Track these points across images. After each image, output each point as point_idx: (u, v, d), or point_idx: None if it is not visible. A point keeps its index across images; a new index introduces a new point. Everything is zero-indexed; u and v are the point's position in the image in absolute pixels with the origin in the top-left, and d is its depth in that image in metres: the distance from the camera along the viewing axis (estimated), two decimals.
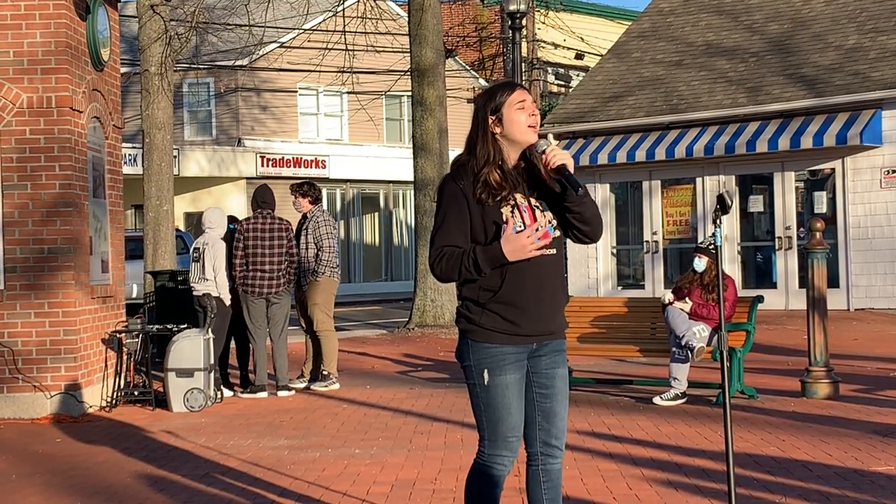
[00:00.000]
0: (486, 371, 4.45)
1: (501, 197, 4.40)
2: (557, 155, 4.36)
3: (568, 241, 4.58)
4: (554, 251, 4.44)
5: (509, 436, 4.49)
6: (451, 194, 4.43)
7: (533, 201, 4.46)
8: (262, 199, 11.58)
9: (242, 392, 11.56)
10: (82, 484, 7.35)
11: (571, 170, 4.38)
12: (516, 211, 4.40)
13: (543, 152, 4.41)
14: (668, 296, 10.36)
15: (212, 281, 11.33)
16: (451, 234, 4.41)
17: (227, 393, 11.42)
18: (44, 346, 10.15)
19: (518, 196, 4.44)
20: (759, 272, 21.25)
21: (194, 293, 11.45)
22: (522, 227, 4.36)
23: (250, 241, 11.36)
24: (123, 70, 18.20)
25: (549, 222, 4.44)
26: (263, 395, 11.34)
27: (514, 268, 4.37)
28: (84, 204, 10.57)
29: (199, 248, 11.49)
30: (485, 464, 4.54)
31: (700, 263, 10.23)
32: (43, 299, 10.18)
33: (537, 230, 4.34)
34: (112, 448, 8.63)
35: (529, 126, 4.42)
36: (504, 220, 4.37)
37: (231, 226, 12.01)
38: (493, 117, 4.44)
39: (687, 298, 10.21)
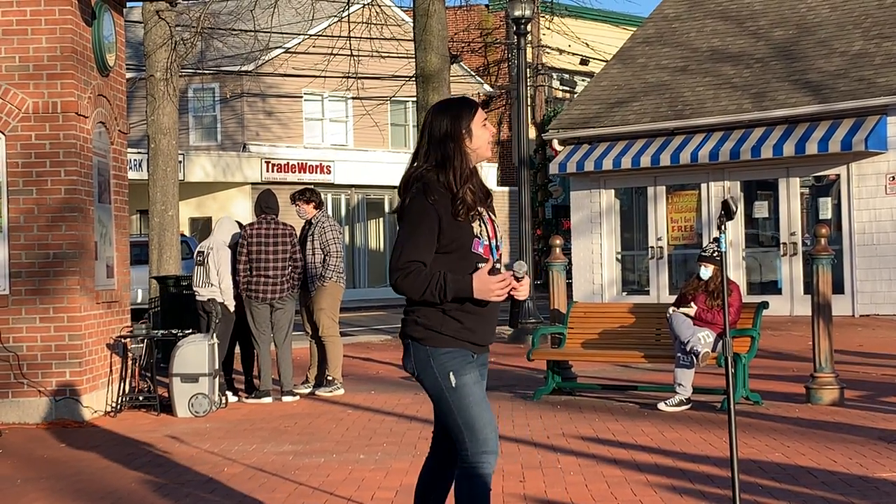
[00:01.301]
0: (451, 373, 4.57)
1: (476, 213, 4.58)
2: (523, 293, 4.59)
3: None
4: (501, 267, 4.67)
5: (487, 431, 4.60)
6: (423, 210, 4.52)
7: (492, 215, 4.68)
8: (265, 204, 11.58)
9: (247, 397, 11.57)
10: (87, 489, 7.36)
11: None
12: (483, 226, 4.59)
13: (518, 279, 4.57)
14: (671, 311, 10.34)
15: (216, 286, 11.33)
16: (420, 249, 4.51)
17: (232, 398, 11.42)
18: (49, 350, 10.16)
19: (480, 209, 4.62)
20: (764, 278, 21.22)
21: (198, 298, 11.46)
22: (487, 241, 4.57)
23: (254, 247, 11.36)
24: (129, 75, 18.20)
25: (500, 238, 4.69)
26: (268, 400, 11.34)
27: None
28: (89, 209, 10.59)
29: (203, 252, 11.50)
30: (471, 465, 4.61)
31: (706, 272, 10.23)
32: (48, 304, 10.19)
33: (512, 280, 4.54)
34: (116, 453, 8.64)
35: (490, 143, 4.67)
36: (476, 234, 4.55)
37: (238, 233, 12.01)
38: (464, 132, 4.59)
39: (692, 303, 10.20)
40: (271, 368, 11.56)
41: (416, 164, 4.64)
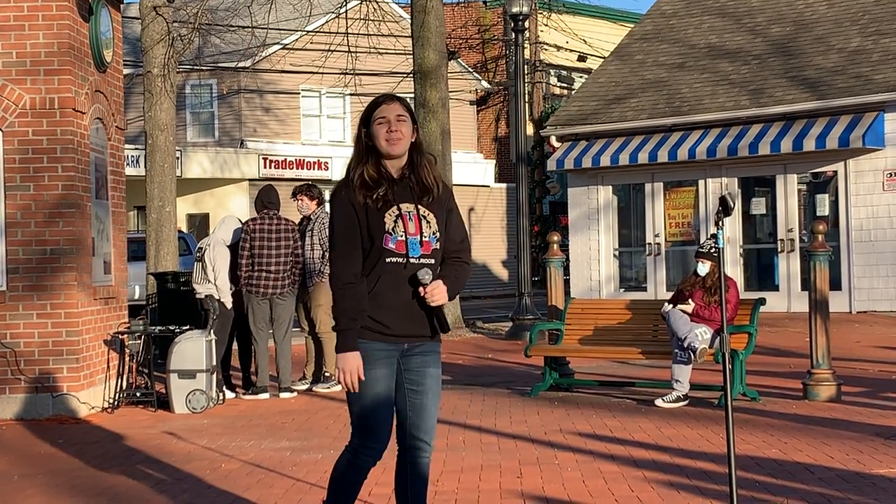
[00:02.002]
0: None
1: (379, 197, 4.70)
2: (437, 296, 4.68)
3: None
4: (433, 261, 4.76)
5: (377, 428, 4.79)
6: (341, 202, 4.76)
7: (422, 210, 4.76)
8: (267, 199, 11.58)
9: (244, 393, 11.57)
10: (84, 485, 7.36)
11: (443, 300, 4.69)
12: (399, 220, 4.71)
13: (424, 286, 4.68)
14: (667, 307, 10.35)
15: (213, 282, 11.32)
16: (350, 239, 4.71)
17: (230, 394, 11.42)
18: (46, 347, 10.15)
19: (405, 205, 4.73)
20: (761, 274, 21.24)
21: (196, 295, 11.45)
22: (403, 237, 4.68)
23: (256, 242, 11.36)
24: (126, 71, 18.17)
25: (434, 233, 4.76)
26: (265, 396, 11.34)
27: (389, 273, 4.69)
28: (86, 205, 10.58)
29: (202, 248, 11.52)
30: (352, 452, 4.86)
31: (703, 268, 10.23)
32: (45, 300, 10.18)
33: (356, 380, 4.69)
34: (114, 449, 8.64)
35: (387, 140, 4.73)
36: (386, 229, 4.67)
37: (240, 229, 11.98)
38: (365, 130, 4.81)
39: (690, 300, 10.20)
40: (268, 365, 11.55)
41: None
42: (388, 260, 4.68)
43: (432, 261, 4.74)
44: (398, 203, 4.72)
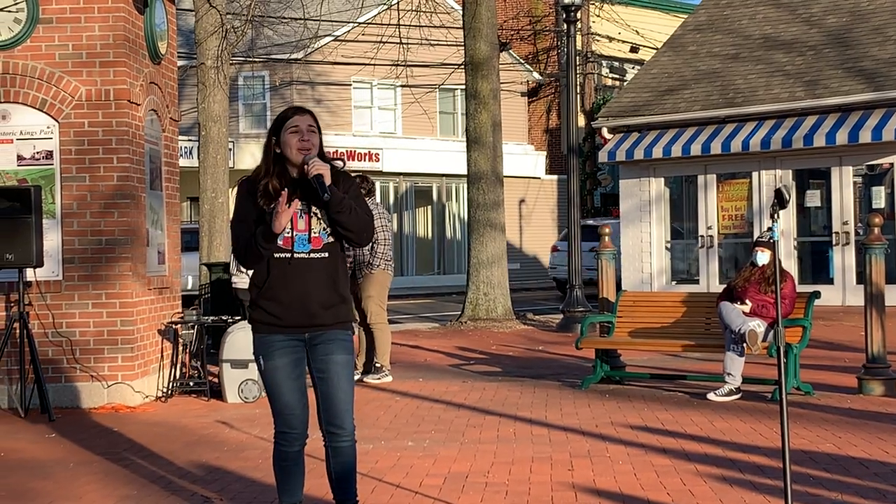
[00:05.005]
0: (260, 357, 5.18)
1: (275, 205, 5.02)
2: (315, 167, 5.01)
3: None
4: (326, 255, 5.12)
5: (285, 412, 5.16)
6: (243, 197, 5.16)
7: (314, 208, 5.12)
8: None
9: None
10: (138, 473, 7.43)
11: (327, 181, 5.00)
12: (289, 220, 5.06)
13: (305, 164, 5.06)
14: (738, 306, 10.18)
15: (245, 273, 11.35)
16: (246, 223, 5.11)
17: None
18: (101, 336, 10.26)
19: (298, 203, 5.08)
20: (816, 268, 21.04)
21: (234, 286, 11.49)
22: (290, 233, 5.07)
23: None
24: (180, 63, 18.31)
25: (324, 229, 5.13)
26: None
27: (277, 268, 5.09)
28: (141, 196, 10.67)
29: None
30: (275, 438, 5.26)
31: (763, 257, 10.15)
32: (100, 290, 10.29)
33: (284, 201, 4.98)
34: (167, 438, 8.71)
35: (299, 149, 5.09)
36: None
37: None
38: (275, 139, 5.15)
39: (747, 301, 10.09)
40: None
41: None
42: (276, 255, 5.08)
43: (325, 254, 5.11)
44: (290, 203, 5.03)
